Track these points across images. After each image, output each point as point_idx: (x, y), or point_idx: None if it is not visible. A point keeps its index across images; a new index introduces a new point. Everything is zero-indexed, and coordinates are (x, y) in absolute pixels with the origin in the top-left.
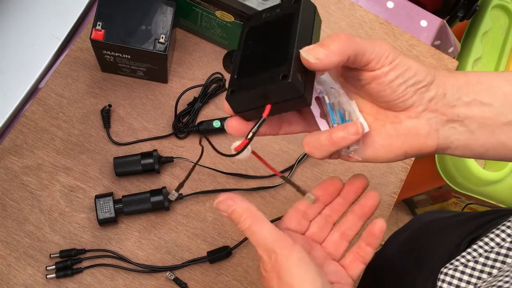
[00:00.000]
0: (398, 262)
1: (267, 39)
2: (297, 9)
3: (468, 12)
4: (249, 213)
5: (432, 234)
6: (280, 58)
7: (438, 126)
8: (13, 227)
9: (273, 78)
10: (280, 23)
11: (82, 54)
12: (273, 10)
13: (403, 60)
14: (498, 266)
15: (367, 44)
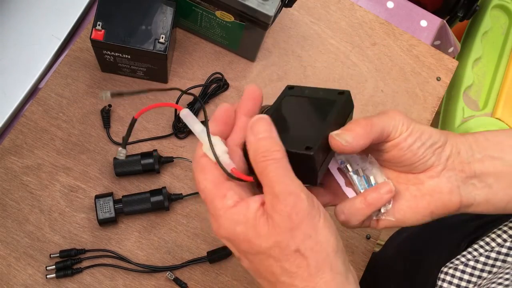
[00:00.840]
0: (398, 262)
1: (303, 111)
2: (340, 98)
3: (468, 12)
4: (284, 151)
5: (432, 234)
6: (310, 131)
7: (458, 183)
8: (13, 227)
9: (297, 144)
10: (320, 103)
11: (82, 54)
12: (317, 91)
13: (416, 125)
14: (498, 265)
15: (384, 121)
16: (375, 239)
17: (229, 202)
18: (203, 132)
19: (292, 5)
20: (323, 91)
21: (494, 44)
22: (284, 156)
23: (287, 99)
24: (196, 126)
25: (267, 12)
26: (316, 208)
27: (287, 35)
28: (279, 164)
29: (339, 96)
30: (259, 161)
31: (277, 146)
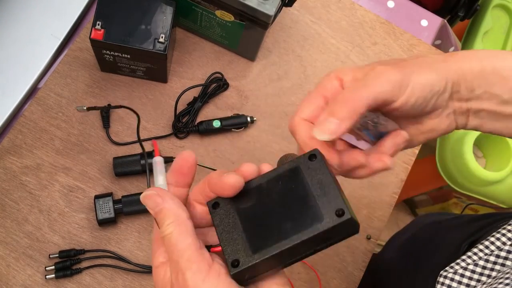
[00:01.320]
0: (397, 264)
1: (277, 197)
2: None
3: (469, 11)
4: (176, 219)
5: (432, 236)
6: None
7: (456, 117)
8: (12, 227)
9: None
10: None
11: (81, 53)
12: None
13: (416, 79)
14: (497, 268)
15: (374, 90)
16: (376, 240)
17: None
18: (162, 186)
19: (292, 5)
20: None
21: (495, 43)
22: (176, 228)
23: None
24: (160, 178)
25: (267, 12)
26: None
27: (287, 34)
28: (168, 240)
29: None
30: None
31: (165, 220)
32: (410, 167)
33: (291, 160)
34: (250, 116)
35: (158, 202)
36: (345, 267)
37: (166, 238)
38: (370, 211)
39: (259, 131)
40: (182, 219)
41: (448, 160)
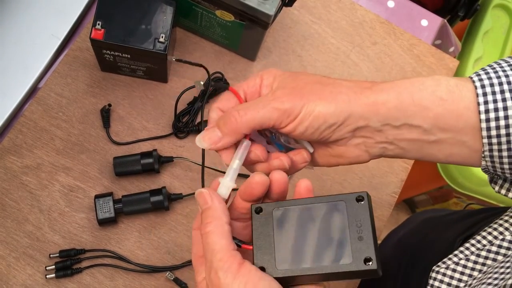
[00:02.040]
0: (393, 261)
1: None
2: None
3: (469, 11)
4: (216, 220)
5: (427, 233)
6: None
7: (367, 148)
8: (12, 227)
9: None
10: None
11: (81, 53)
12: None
13: (307, 109)
14: (489, 263)
15: (259, 116)
16: None
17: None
18: (232, 170)
19: (292, 5)
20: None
21: (495, 43)
22: (213, 228)
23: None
24: (236, 162)
25: (267, 11)
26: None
27: (287, 34)
28: (205, 238)
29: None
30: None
31: (206, 219)
32: (410, 167)
33: (339, 194)
34: None
35: (207, 201)
36: None
37: (204, 236)
38: None
39: None
40: (221, 222)
41: None
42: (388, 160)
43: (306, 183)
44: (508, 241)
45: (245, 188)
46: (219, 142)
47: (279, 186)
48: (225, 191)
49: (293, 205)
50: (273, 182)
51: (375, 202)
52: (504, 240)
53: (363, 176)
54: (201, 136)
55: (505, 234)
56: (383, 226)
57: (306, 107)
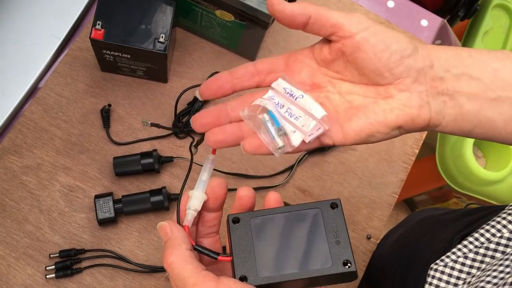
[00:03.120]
0: (391, 261)
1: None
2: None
3: (469, 11)
4: (176, 249)
5: (425, 231)
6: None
7: (429, 99)
8: (12, 227)
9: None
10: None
11: (81, 53)
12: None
13: (380, 27)
14: (487, 261)
15: (332, 11)
16: (376, 239)
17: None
18: (202, 182)
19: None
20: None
21: (495, 43)
22: (176, 258)
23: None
24: (204, 175)
25: (267, 12)
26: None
27: (287, 34)
28: (171, 268)
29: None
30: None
31: (167, 250)
32: (410, 167)
33: (314, 202)
34: None
35: (167, 232)
36: None
37: (170, 269)
38: (370, 211)
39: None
40: (181, 249)
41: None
42: (388, 160)
43: (274, 196)
44: (506, 239)
45: (239, 203)
46: (283, 4)
47: (248, 200)
48: (198, 203)
49: (270, 214)
50: (242, 198)
51: (375, 202)
52: (502, 238)
53: (363, 176)
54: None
55: (503, 232)
56: (383, 226)
57: (378, 26)
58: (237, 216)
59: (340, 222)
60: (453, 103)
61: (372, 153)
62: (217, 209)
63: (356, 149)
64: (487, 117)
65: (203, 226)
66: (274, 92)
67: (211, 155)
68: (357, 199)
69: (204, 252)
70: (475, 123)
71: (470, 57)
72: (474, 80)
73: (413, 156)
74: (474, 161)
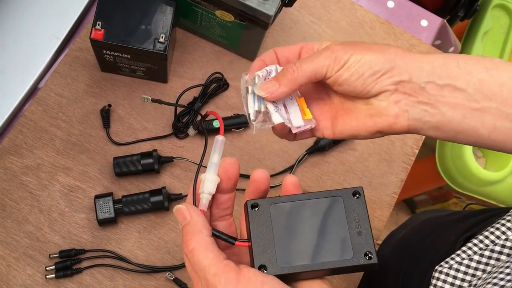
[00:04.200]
0: (393, 262)
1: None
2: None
3: (469, 11)
4: (197, 235)
5: (427, 233)
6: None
7: (407, 107)
8: (12, 227)
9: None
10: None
11: (81, 53)
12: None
13: (355, 58)
14: (492, 263)
15: (315, 64)
16: (375, 240)
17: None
18: (213, 164)
19: (292, 5)
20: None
21: (494, 43)
22: (197, 245)
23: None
24: (215, 157)
25: (267, 12)
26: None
27: (287, 34)
28: (191, 255)
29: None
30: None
31: (187, 235)
32: (410, 167)
33: (335, 190)
34: None
35: (186, 217)
36: None
37: (190, 255)
38: (370, 211)
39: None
40: (203, 235)
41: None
42: (388, 160)
43: (292, 179)
44: (511, 241)
45: (254, 186)
46: (275, 92)
47: (264, 183)
48: (212, 186)
49: (290, 201)
50: (257, 180)
51: (375, 202)
52: (508, 240)
53: (363, 176)
54: (260, 87)
55: (508, 234)
56: (383, 226)
57: (355, 56)
58: (256, 202)
59: (363, 211)
60: (435, 111)
61: (372, 153)
62: (230, 190)
63: (356, 149)
64: (470, 125)
65: (217, 208)
66: (275, 71)
67: (220, 136)
68: None
69: (221, 237)
70: (458, 130)
71: (458, 67)
72: (458, 91)
73: (413, 156)
74: (474, 161)
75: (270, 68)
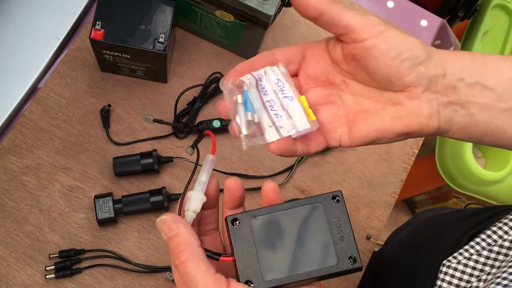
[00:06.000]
0: (398, 258)
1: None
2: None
3: (469, 11)
4: (189, 247)
5: (433, 229)
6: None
7: (439, 108)
8: (12, 227)
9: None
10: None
11: (81, 53)
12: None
13: (394, 33)
14: (500, 258)
15: (347, 10)
16: (375, 239)
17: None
18: (201, 183)
19: (292, 5)
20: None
21: (494, 44)
22: (189, 257)
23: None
24: (204, 176)
25: (267, 12)
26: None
27: (287, 34)
28: (183, 268)
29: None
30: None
31: (178, 248)
32: (410, 167)
33: (315, 196)
34: None
35: (173, 228)
36: None
37: (181, 267)
38: (369, 211)
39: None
40: (194, 247)
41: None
42: (388, 160)
43: (271, 186)
44: None
45: (229, 194)
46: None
47: (237, 190)
48: (198, 204)
49: (270, 212)
50: (231, 188)
51: (375, 202)
52: None
53: (362, 176)
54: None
55: None
56: (383, 226)
57: (393, 31)
58: (235, 217)
59: (343, 215)
60: (464, 112)
61: (372, 153)
62: (212, 206)
63: (356, 149)
64: (498, 126)
65: (201, 224)
66: (265, 75)
67: (210, 155)
68: (357, 199)
69: (205, 254)
70: (485, 132)
71: (486, 65)
72: (488, 90)
73: (413, 156)
74: (474, 161)
75: (259, 73)
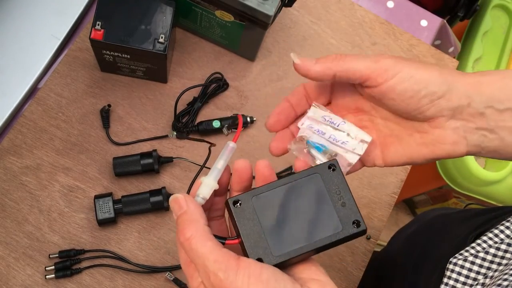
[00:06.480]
0: (402, 257)
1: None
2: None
3: (469, 11)
4: (194, 224)
5: (438, 228)
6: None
7: (466, 134)
8: (12, 227)
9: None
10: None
11: (81, 53)
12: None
13: (409, 71)
14: (508, 256)
15: (358, 60)
16: (375, 240)
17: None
18: (216, 170)
19: (292, 5)
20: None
21: (494, 43)
22: (195, 233)
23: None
24: (220, 162)
25: (267, 12)
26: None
27: (287, 34)
28: (189, 245)
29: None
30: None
31: (184, 224)
32: (410, 167)
33: (311, 168)
34: (250, 116)
35: (182, 206)
36: (344, 267)
37: (186, 243)
38: (369, 211)
39: (258, 131)
40: (200, 224)
41: (447, 160)
42: None
43: (264, 163)
44: None
45: (237, 176)
46: (309, 65)
47: (246, 172)
48: (208, 191)
49: (270, 189)
50: (239, 170)
51: (375, 202)
52: None
53: (362, 176)
54: (301, 59)
55: None
56: (383, 226)
57: (408, 69)
58: (237, 198)
59: (342, 183)
60: (494, 136)
61: None
62: (221, 194)
63: None
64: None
65: (210, 209)
66: (310, 121)
67: (231, 142)
68: (357, 199)
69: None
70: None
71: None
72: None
73: None
74: (474, 161)
75: (304, 123)
